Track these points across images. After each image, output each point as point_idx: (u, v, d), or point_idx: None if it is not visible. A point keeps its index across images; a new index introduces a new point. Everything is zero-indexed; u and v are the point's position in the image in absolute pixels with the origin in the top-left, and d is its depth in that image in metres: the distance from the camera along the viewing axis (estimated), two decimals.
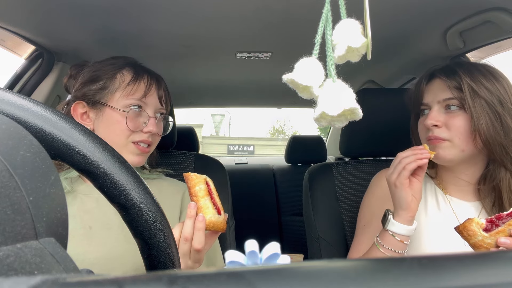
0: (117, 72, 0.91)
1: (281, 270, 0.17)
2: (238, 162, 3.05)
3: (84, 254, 0.82)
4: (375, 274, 0.17)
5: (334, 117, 0.43)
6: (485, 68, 0.92)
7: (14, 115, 0.33)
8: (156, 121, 0.92)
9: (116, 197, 0.36)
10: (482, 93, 0.87)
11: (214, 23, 1.17)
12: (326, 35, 0.45)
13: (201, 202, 0.73)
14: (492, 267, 0.18)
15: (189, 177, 0.75)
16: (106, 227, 0.85)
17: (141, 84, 0.91)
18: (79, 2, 1.01)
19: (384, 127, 1.26)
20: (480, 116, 0.86)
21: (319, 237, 1.22)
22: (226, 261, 0.42)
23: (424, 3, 1.05)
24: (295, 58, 0.47)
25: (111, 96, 0.89)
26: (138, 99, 0.89)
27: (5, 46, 1.27)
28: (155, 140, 0.96)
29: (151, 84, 0.92)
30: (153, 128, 0.90)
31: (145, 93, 0.90)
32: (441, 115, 0.91)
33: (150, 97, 0.91)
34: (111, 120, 0.88)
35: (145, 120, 0.90)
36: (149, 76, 0.93)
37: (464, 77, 0.89)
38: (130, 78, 0.91)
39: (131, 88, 0.89)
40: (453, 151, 0.90)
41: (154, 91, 0.93)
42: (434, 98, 0.93)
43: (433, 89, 0.95)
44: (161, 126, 0.96)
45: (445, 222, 0.94)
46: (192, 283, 0.16)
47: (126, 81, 0.90)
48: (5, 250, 0.21)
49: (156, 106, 0.93)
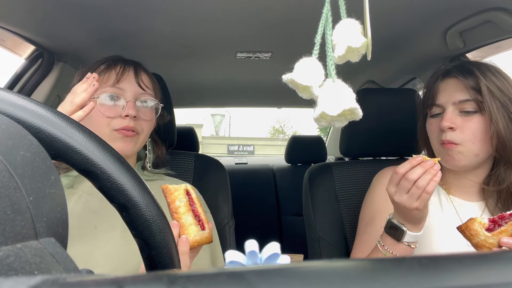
0: (95, 68, 0.93)
1: (281, 270, 0.17)
2: (238, 162, 3.05)
3: (88, 254, 0.81)
4: (375, 274, 0.17)
5: (334, 117, 0.43)
6: (493, 67, 0.90)
7: (14, 115, 0.33)
8: (135, 105, 0.91)
9: (116, 197, 0.36)
10: (496, 94, 0.85)
11: (214, 23, 1.17)
12: (326, 35, 0.45)
13: (182, 219, 0.67)
14: (492, 267, 0.18)
15: (166, 190, 0.68)
16: (111, 227, 0.85)
17: (112, 71, 0.91)
18: (79, 2, 1.01)
19: (384, 127, 1.26)
20: (498, 118, 0.83)
21: (319, 237, 1.22)
22: (226, 261, 0.42)
23: (424, 3, 1.05)
24: (295, 58, 0.47)
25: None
26: (111, 86, 0.89)
27: (5, 46, 1.27)
28: (142, 127, 0.93)
29: (125, 70, 0.92)
30: (130, 111, 0.88)
31: (118, 79, 0.90)
32: (456, 117, 0.87)
33: (124, 82, 0.91)
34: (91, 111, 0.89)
35: (124, 104, 0.89)
36: (123, 63, 0.93)
37: (481, 78, 0.85)
38: (103, 68, 0.92)
39: (103, 76, 0.90)
40: (466, 156, 0.87)
41: (129, 75, 0.92)
42: (449, 99, 0.89)
43: (448, 89, 0.90)
44: (148, 112, 0.94)
45: (448, 222, 0.93)
46: (192, 283, 0.16)
47: (99, 71, 0.91)
48: (5, 250, 0.21)
49: (136, 91, 0.92)
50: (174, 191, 0.67)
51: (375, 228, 0.97)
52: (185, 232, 0.67)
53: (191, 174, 1.22)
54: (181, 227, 0.66)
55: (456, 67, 0.92)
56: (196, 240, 0.67)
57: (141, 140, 0.94)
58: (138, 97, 0.93)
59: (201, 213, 0.69)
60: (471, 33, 1.18)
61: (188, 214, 0.67)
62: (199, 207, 0.69)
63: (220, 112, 22.80)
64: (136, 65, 0.96)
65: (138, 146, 0.95)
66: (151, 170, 1.03)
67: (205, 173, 1.24)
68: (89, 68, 0.94)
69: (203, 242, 0.68)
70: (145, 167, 1.03)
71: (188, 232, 0.67)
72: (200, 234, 0.67)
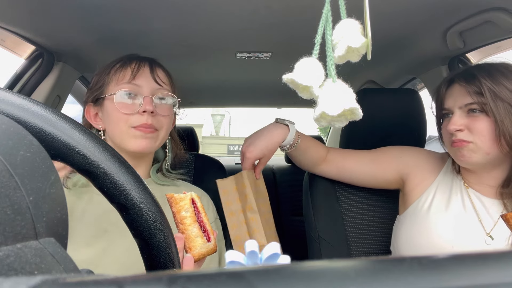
0: (111, 69, 0.93)
1: (281, 270, 0.17)
2: (238, 162, 3.05)
3: (99, 258, 0.80)
4: (375, 274, 0.17)
5: (334, 117, 0.43)
6: (505, 67, 0.90)
7: (14, 115, 0.33)
8: (152, 101, 0.90)
9: (116, 197, 0.36)
10: (504, 95, 0.85)
11: (214, 23, 1.17)
12: (326, 35, 0.45)
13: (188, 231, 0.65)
14: (492, 267, 0.18)
15: (172, 199, 0.66)
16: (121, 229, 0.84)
17: (127, 68, 0.91)
18: (79, 2, 1.01)
19: (384, 127, 1.25)
20: (504, 119, 0.85)
21: (319, 237, 1.22)
22: (226, 261, 0.42)
23: (424, 3, 1.05)
24: (295, 58, 0.47)
25: (106, 88, 0.91)
26: (128, 82, 0.89)
27: (5, 46, 1.27)
28: (161, 123, 0.92)
29: (140, 66, 0.92)
30: (148, 106, 0.88)
31: (133, 75, 0.90)
32: (463, 119, 0.90)
33: (141, 78, 0.90)
34: (109, 110, 0.89)
35: (141, 101, 0.89)
36: (138, 60, 0.93)
37: (484, 81, 0.87)
38: (118, 66, 0.92)
39: (119, 74, 0.91)
40: (478, 153, 0.89)
41: (145, 71, 0.92)
42: (455, 104, 0.93)
43: (453, 94, 0.94)
44: (166, 108, 0.93)
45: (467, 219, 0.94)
46: (192, 283, 0.16)
47: (115, 71, 0.92)
48: (5, 250, 0.21)
49: (153, 87, 0.91)
50: (179, 200, 0.65)
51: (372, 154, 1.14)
52: (191, 244, 0.65)
53: (191, 174, 1.22)
54: (186, 239, 0.65)
55: (460, 73, 0.95)
56: (201, 253, 0.65)
57: (161, 137, 0.93)
58: (155, 92, 0.91)
59: (207, 223, 0.67)
60: (471, 33, 1.18)
61: (194, 226, 0.65)
62: (205, 217, 0.67)
63: (220, 112, 22.80)
64: (151, 61, 0.95)
65: (159, 143, 0.93)
66: (166, 172, 1.01)
67: (205, 173, 1.24)
68: (105, 68, 0.94)
69: (208, 254, 0.67)
70: (161, 169, 1.01)
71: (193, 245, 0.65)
72: (205, 246, 0.65)
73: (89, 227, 0.83)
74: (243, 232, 0.99)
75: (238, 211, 1.02)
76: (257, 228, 0.98)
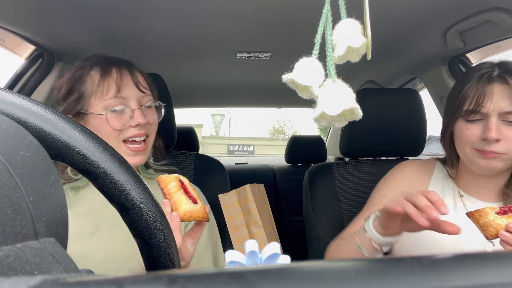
0: (86, 77, 0.87)
1: (281, 270, 0.17)
2: (238, 162, 3.05)
3: (92, 254, 0.81)
4: (375, 274, 0.17)
5: (334, 117, 0.43)
6: None
7: (14, 115, 0.33)
8: (142, 112, 0.88)
9: (116, 197, 0.36)
10: None
11: (214, 23, 1.17)
12: (326, 35, 0.45)
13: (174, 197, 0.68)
14: (492, 267, 0.18)
15: (160, 179, 0.71)
16: (114, 226, 0.85)
17: (110, 80, 0.85)
18: (79, 2, 1.01)
19: (384, 127, 1.25)
20: None
21: (319, 237, 1.22)
22: (226, 261, 0.43)
23: (424, 3, 1.05)
24: (295, 58, 0.47)
25: (88, 102, 0.86)
26: (113, 97, 0.85)
27: (5, 46, 1.27)
28: (151, 130, 0.91)
29: (122, 75, 0.87)
30: (140, 119, 0.86)
31: (118, 88, 0.85)
32: (501, 127, 0.82)
33: (126, 89, 0.86)
34: (97, 125, 0.85)
35: (131, 114, 0.86)
36: (117, 67, 0.87)
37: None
38: (98, 78, 0.86)
39: (103, 88, 0.85)
40: (504, 163, 0.84)
41: (128, 81, 0.87)
42: (495, 107, 0.82)
43: (495, 96, 0.82)
44: (152, 114, 0.92)
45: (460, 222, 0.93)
46: (192, 283, 0.16)
47: (96, 83, 0.85)
48: (5, 250, 0.21)
49: (137, 95, 0.88)
50: (166, 178, 0.70)
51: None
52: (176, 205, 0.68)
53: (191, 174, 1.22)
54: (173, 204, 0.68)
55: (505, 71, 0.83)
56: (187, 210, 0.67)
57: (150, 144, 0.93)
58: (140, 102, 0.89)
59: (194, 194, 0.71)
60: (471, 33, 1.18)
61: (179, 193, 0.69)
62: (192, 190, 0.71)
63: (220, 112, 22.80)
64: (129, 66, 0.91)
65: (148, 151, 0.93)
66: (153, 165, 1.01)
67: (205, 173, 1.24)
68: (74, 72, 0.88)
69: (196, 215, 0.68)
70: (149, 165, 1.01)
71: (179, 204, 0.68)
72: (191, 206, 0.68)
73: (83, 224, 0.83)
74: None
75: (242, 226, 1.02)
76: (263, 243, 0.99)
